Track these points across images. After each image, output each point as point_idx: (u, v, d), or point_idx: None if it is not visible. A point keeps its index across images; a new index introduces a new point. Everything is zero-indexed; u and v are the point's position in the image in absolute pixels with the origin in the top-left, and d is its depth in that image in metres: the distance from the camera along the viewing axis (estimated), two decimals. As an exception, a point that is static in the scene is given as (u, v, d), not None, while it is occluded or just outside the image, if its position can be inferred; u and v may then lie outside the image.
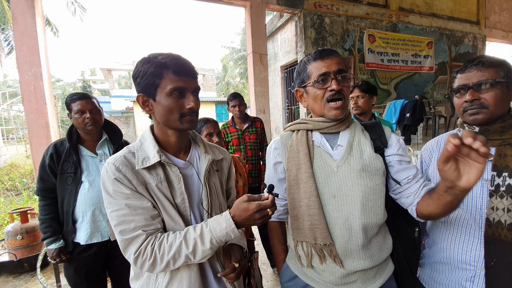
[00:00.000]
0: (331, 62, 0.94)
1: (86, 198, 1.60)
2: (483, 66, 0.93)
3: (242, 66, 21.83)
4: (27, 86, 3.32)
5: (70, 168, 1.61)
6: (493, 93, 0.92)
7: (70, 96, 1.67)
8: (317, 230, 0.93)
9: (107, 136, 1.76)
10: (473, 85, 0.94)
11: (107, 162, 0.84)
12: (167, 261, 0.80)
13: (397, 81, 6.44)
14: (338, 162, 0.96)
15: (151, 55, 0.85)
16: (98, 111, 1.69)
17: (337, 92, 0.93)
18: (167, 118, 0.86)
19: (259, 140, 2.84)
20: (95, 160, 1.68)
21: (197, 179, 0.95)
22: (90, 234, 1.62)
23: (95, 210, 1.62)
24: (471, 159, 0.66)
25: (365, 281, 0.94)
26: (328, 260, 0.94)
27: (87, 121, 1.62)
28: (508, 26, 7.96)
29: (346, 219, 0.92)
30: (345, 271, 0.92)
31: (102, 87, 29.53)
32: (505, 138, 0.93)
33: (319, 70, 0.94)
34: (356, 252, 0.92)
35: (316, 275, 0.98)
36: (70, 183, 1.60)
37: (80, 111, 1.62)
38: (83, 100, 1.64)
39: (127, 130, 18.24)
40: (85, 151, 1.68)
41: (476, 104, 0.94)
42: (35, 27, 3.35)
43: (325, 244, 0.92)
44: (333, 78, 0.93)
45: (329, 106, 0.95)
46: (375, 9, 5.93)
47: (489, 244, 0.90)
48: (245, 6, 4.58)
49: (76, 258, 1.63)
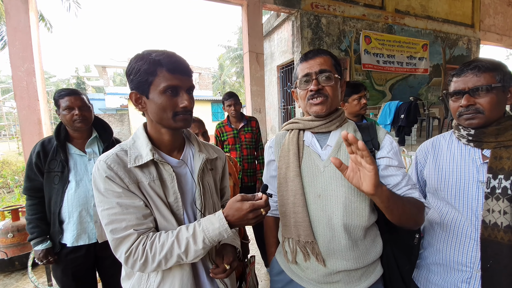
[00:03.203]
0: (314, 63, 0.96)
1: (73, 198, 1.54)
2: (479, 71, 0.93)
3: (239, 65, 21.79)
4: (20, 82, 3.27)
5: (57, 167, 1.54)
6: (489, 98, 0.92)
7: (59, 92, 1.60)
8: (300, 228, 0.94)
9: (97, 133, 1.69)
10: (468, 90, 0.94)
11: (99, 160, 0.82)
12: (158, 261, 0.78)
13: (392, 82, 6.49)
14: (325, 162, 0.96)
15: (145, 52, 0.83)
16: (87, 107, 1.62)
17: (316, 92, 0.95)
18: (160, 116, 0.84)
19: (255, 140, 2.85)
20: (84, 159, 1.61)
21: (190, 178, 0.94)
22: (77, 235, 1.55)
23: (82, 211, 1.55)
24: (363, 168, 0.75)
25: (348, 282, 0.93)
26: (312, 258, 0.94)
27: (75, 118, 1.55)
28: (502, 29, 8.07)
29: (329, 218, 0.92)
30: (327, 270, 0.92)
31: (97, 84, 29.26)
32: (500, 140, 0.93)
33: (303, 71, 0.98)
34: (339, 252, 0.91)
35: (301, 271, 0.99)
36: (57, 183, 1.54)
37: (68, 107, 1.55)
38: (71, 96, 1.57)
39: (121, 128, 18.05)
40: (73, 149, 1.61)
41: (472, 109, 0.94)
42: (29, 22, 3.30)
43: (307, 241, 0.93)
44: (314, 78, 0.95)
45: (309, 103, 0.97)
46: (371, 10, 5.96)
47: (485, 246, 0.90)
48: (242, 4, 4.57)
49: (63, 259, 1.57)
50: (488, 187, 0.91)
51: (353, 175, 0.78)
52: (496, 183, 0.90)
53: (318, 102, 0.95)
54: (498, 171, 0.90)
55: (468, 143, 1.00)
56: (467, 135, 1.00)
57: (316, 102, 0.95)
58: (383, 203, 0.80)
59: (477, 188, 0.94)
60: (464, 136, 1.01)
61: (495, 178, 0.90)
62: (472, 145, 0.99)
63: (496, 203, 0.88)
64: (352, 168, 0.78)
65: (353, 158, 0.76)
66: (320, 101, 0.95)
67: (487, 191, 0.91)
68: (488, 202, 0.90)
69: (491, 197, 0.90)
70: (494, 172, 0.91)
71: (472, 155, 0.99)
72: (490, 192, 0.90)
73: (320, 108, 0.96)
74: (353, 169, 0.78)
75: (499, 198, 0.88)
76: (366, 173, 0.74)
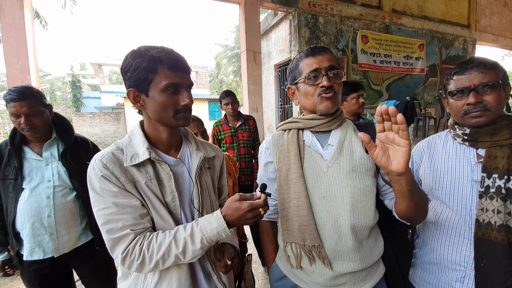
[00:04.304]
0: (322, 58, 0.93)
1: (25, 208, 1.37)
2: (485, 67, 0.91)
3: (236, 64, 21.74)
4: (14, 79, 3.23)
5: (12, 173, 1.39)
6: (495, 95, 0.91)
7: (7, 93, 1.38)
8: (306, 232, 0.92)
9: (56, 135, 1.50)
10: (475, 87, 0.92)
11: (94, 159, 0.81)
12: (156, 261, 0.78)
13: (389, 82, 6.51)
14: (328, 162, 0.94)
15: (143, 48, 0.81)
16: (38, 113, 1.40)
17: (328, 88, 0.92)
18: (160, 115, 0.83)
19: (252, 138, 2.85)
20: (40, 164, 1.43)
21: (188, 177, 0.93)
22: (30, 249, 1.38)
23: (34, 223, 1.37)
24: (396, 144, 0.73)
25: (355, 283, 0.93)
26: (317, 262, 0.93)
27: (22, 126, 1.37)
28: (498, 30, 8.13)
29: (336, 220, 0.91)
30: (334, 273, 0.91)
31: (92, 82, 28.99)
32: (495, 140, 0.93)
33: (311, 66, 0.94)
34: (346, 254, 0.91)
35: (305, 276, 0.97)
36: (11, 191, 1.39)
37: (13, 114, 1.36)
38: (17, 102, 1.35)
39: (117, 126, 17.89)
40: (29, 153, 1.43)
41: (480, 107, 0.92)
42: (23, 19, 3.26)
43: (314, 245, 0.91)
44: (324, 74, 0.92)
45: (321, 98, 0.93)
46: (368, 10, 5.97)
47: (479, 245, 0.90)
48: (239, 3, 4.55)
49: (26, 270, 1.43)
50: (482, 186, 0.91)
51: (382, 154, 0.75)
52: (490, 182, 0.90)
53: (329, 96, 0.92)
54: (493, 170, 0.90)
55: (463, 143, 1.00)
56: (462, 134, 1.00)
57: (327, 96, 0.92)
58: (408, 184, 0.78)
59: (471, 187, 0.95)
60: (459, 135, 1.01)
61: (489, 177, 0.90)
62: (467, 145, 0.99)
63: (490, 202, 0.89)
64: (381, 146, 0.76)
65: (382, 137, 0.75)
66: (331, 95, 0.93)
67: (481, 190, 0.91)
68: (482, 201, 0.91)
69: (485, 196, 0.90)
70: (488, 171, 0.91)
71: (467, 155, 0.99)
72: (484, 191, 0.91)
73: (331, 105, 0.94)
74: (382, 147, 0.76)
75: (493, 197, 0.88)
76: (399, 149, 0.72)
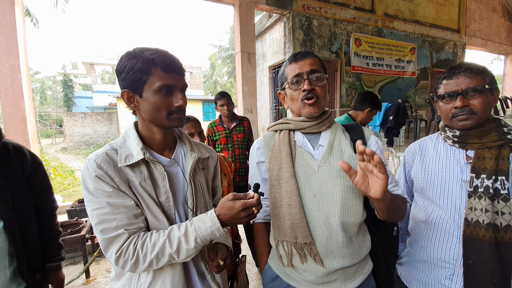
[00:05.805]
0: (304, 63, 0.98)
1: None
2: (472, 72, 0.96)
3: (230, 65, 21.74)
4: (4, 78, 3.18)
5: None
6: (482, 99, 0.95)
7: None
8: (297, 229, 0.94)
9: None
10: (462, 91, 0.97)
11: (88, 159, 0.81)
12: (150, 261, 0.78)
13: (381, 84, 6.60)
14: (319, 162, 0.97)
15: (137, 50, 0.82)
16: None
17: (310, 92, 0.96)
18: (154, 116, 0.84)
19: (247, 139, 2.86)
20: None
21: (182, 177, 0.93)
22: None
23: None
24: (375, 176, 0.77)
25: (345, 280, 0.95)
26: (309, 260, 0.95)
27: None
28: (487, 34, 8.33)
29: (326, 218, 0.93)
30: (325, 270, 0.93)
31: (84, 82, 28.59)
32: (483, 142, 0.96)
33: (293, 71, 0.99)
34: (336, 250, 0.93)
35: (298, 274, 0.99)
36: None
37: None
38: None
39: (110, 127, 17.64)
40: None
41: (466, 110, 0.96)
42: (14, 17, 3.21)
43: (305, 242, 0.93)
44: (306, 78, 0.97)
45: (303, 103, 0.98)
46: (361, 13, 6.05)
47: (467, 243, 0.93)
48: (234, 4, 4.56)
49: None
50: (471, 186, 0.94)
51: (362, 182, 0.79)
52: (478, 182, 0.93)
53: (311, 102, 0.97)
54: (481, 170, 0.93)
55: (453, 144, 1.03)
56: (452, 136, 1.03)
57: (309, 103, 0.97)
58: (385, 205, 0.83)
59: (461, 187, 0.98)
60: (449, 137, 1.04)
61: (478, 177, 0.93)
62: (457, 146, 1.02)
63: (479, 201, 0.91)
64: (361, 174, 0.79)
65: (362, 166, 0.78)
66: (313, 101, 0.97)
67: (470, 190, 0.94)
68: (471, 201, 0.93)
69: (474, 195, 0.93)
70: (477, 172, 0.94)
71: (456, 156, 1.02)
72: (473, 191, 0.93)
73: (314, 110, 0.98)
74: (362, 175, 0.79)
75: (481, 196, 0.91)
76: (377, 181, 0.76)
